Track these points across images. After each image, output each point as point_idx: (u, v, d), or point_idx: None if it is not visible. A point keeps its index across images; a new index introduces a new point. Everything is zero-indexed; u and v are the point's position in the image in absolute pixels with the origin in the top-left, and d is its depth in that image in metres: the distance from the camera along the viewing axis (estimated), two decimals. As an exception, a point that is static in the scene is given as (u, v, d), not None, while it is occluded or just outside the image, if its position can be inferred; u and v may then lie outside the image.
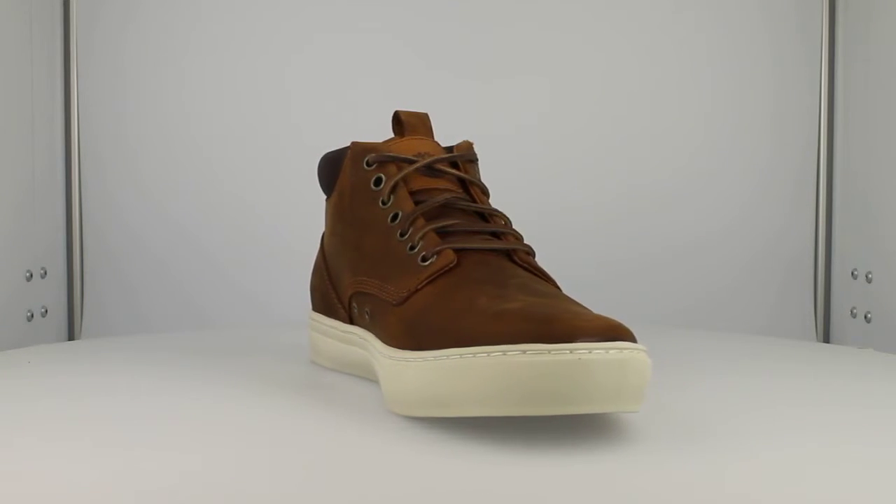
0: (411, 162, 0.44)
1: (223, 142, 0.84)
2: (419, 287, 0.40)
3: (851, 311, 0.82)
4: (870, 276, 0.79)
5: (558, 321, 0.34)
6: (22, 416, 0.40)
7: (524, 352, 0.33)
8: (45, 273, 0.80)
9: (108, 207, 0.84)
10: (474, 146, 0.48)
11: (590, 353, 0.32)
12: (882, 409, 0.42)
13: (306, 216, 0.85)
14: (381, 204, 0.44)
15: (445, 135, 0.77)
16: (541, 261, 0.74)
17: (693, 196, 0.86)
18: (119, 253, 0.84)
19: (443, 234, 0.42)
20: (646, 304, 0.86)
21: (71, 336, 0.84)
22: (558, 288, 0.42)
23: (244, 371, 0.50)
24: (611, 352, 0.33)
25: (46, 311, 0.80)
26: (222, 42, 0.84)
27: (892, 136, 0.76)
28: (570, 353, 0.32)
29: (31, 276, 0.77)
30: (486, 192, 0.44)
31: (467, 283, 0.39)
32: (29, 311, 0.77)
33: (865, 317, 0.79)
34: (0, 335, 0.73)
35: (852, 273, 0.82)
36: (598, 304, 0.85)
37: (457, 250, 0.41)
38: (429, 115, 0.48)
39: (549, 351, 0.33)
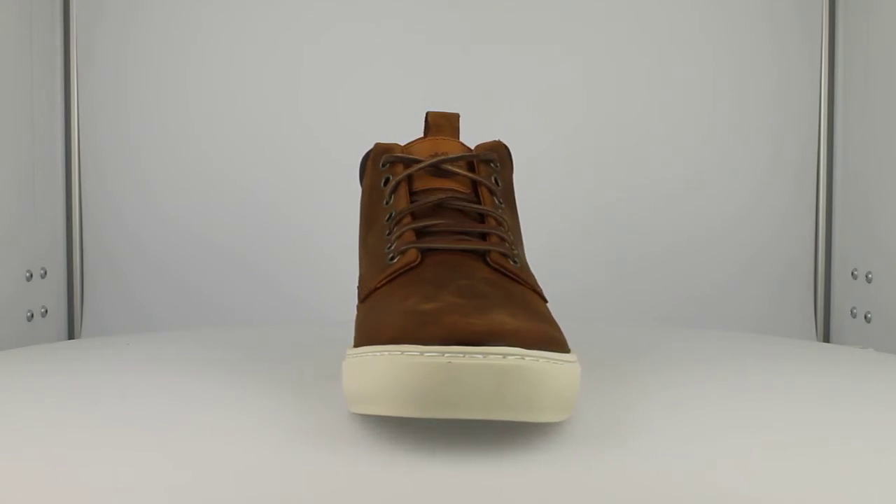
0: (418, 162, 0.44)
1: (223, 142, 0.84)
2: (378, 286, 0.41)
3: (851, 311, 0.82)
4: (870, 276, 0.79)
5: (442, 324, 0.33)
6: (21, 417, 0.40)
7: (402, 353, 0.33)
8: (45, 273, 0.80)
9: (108, 207, 0.84)
10: (502, 146, 0.47)
11: (463, 357, 0.31)
12: (882, 408, 0.42)
13: (307, 214, 0.85)
14: (384, 204, 0.44)
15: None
16: (540, 260, 0.74)
17: (693, 196, 0.86)
18: (119, 253, 0.84)
19: (425, 233, 0.42)
20: (646, 303, 0.86)
21: (71, 336, 0.84)
22: (537, 293, 0.41)
23: (244, 370, 0.50)
24: (489, 357, 0.31)
25: (46, 311, 0.80)
26: (221, 41, 0.84)
27: (892, 136, 0.76)
28: (442, 356, 0.32)
29: (31, 276, 0.77)
30: (494, 193, 0.44)
31: (415, 283, 0.39)
32: (29, 311, 0.77)
33: (865, 317, 0.79)
34: (0, 335, 0.73)
35: (852, 273, 0.82)
36: (597, 302, 0.86)
37: (425, 250, 0.41)
38: (459, 115, 0.47)
39: (423, 353, 0.32)
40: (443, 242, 0.41)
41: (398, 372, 0.32)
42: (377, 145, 0.46)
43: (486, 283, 0.38)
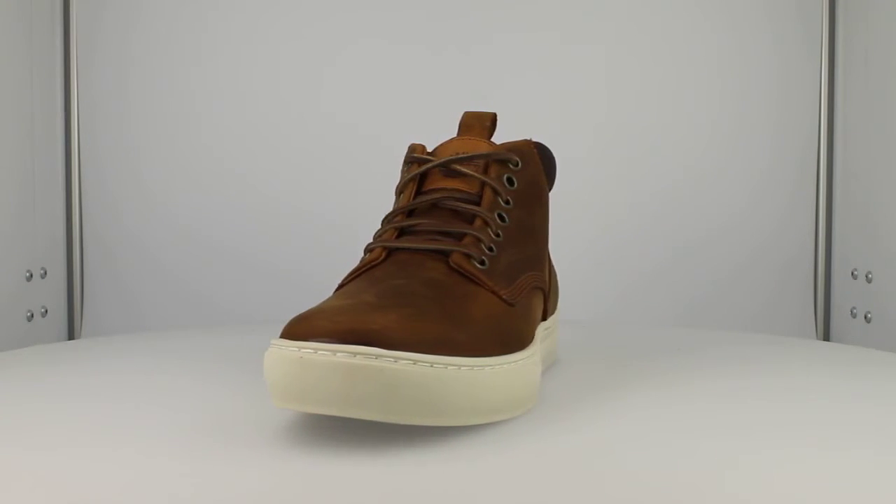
0: (429, 162, 0.45)
1: (224, 142, 0.84)
2: (344, 282, 0.42)
3: (851, 311, 0.82)
4: (870, 276, 0.79)
5: (310, 321, 0.34)
6: (21, 417, 0.40)
7: (276, 347, 0.34)
8: (45, 273, 0.80)
9: (108, 207, 0.84)
10: (530, 146, 0.46)
11: (315, 353, 0.32)
12: (882, 408, 0.42)
13: (308, 214, 0.85)
14: (396, 203, 0.45)
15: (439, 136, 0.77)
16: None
17: (693, 196, 0.86)
18: (119, 252, 0.84)
19: (407, 232, 0.43)
20: (647, 303, 0.86)
21: (71, 336, 0.84)
22: (497, 295, 0.41)
23: (245, 371, 0.50)
24: (338, 355, 0.32)
25: (46, 311, 0.80)
26: (221, 41, 0.84)
27: (891, 136, 0.76)
28: (298, 350, 0.33)
29: (31, 276, 0.77)
30: (498, 193, 0.44)
31: (363, 281, 0.40)
32: (29, 311, 0.77)
33: (865, 317, 0.79)
34: (0, 335, 0.73)
35: (852, 273, 0.82)
36: (596, 302, 0.86)
37: (393, 249, 0.42)
38: (494, 114, 0.47)
39: (284, 346, 0.33)
40: (413, 242, 0.42)
41: (268, 364, 0.34)
42: (410, 146, 0.47)
43: (426, 283, 0.39)
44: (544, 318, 0.49)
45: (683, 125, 0.86)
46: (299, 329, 0.34)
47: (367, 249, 0.43)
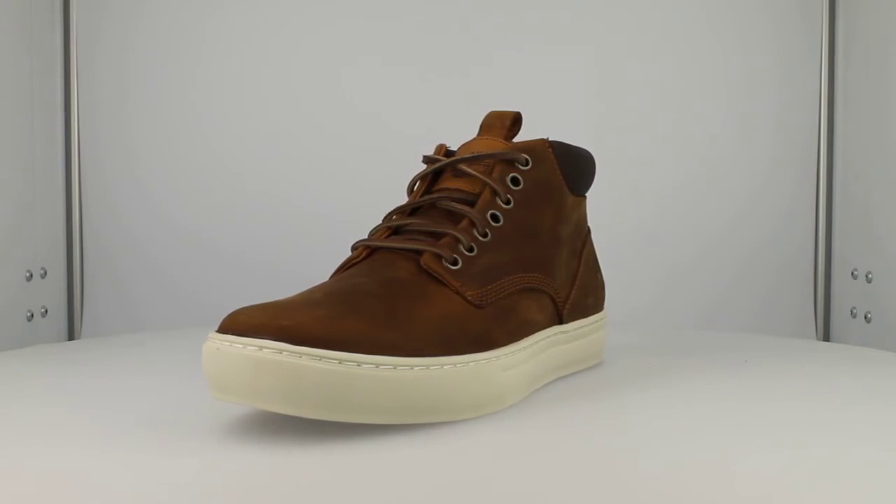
0: (438, 161, 0.45)
1: (224, 142, 0.84)
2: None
3: (851, 311, 0.82)
4: (870, 276, 0.79)
5: (235, 314, 0.36)
6: (21, 417, 0.40)
7: (208, 339, 0.36)
8: (45, 273, 0.80)
9: (108, 208, 0.84)
10: (544, 146, 0.46)
11: (230, 346, 0.34)
12: (883, 407, 0.42)
13: (309, 216, 0.85)
14: None
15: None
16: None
17: (693, 197, 0.86)
18: (119, 253, 0.84)
19: (400, 231, 0.44)
20: (646, 304, 0.86)
21: (71, 336, 0.84)
22: (461, 295, 0.40)
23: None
24: (248, 348, 0.34)
25: (46, 311, 0.80)
26: (222, 41, 0.84)
27: (891, 136, 0.76)
28: (218, 343, 0.35)
29: (31, 276, 0.77)
30: (497, 193, 0.44)
31: (332, 279, 0.41)
32: (29, 311, 0.77)
33: (865, 317, 0.79)
34: (0, 335, 0.73)
35: (852, 273, 0.82)
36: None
37: (374, 248, 0.43)
38: (516, 113, 0.47)
39: (211, 339, 0.35)
40: (395, 242, 0.42)
41: (203, 357, 0.36)
42: (438, 146, 0.48)
43: (384, 282, 0.39)
44: (561, 322, 0.48)
45: (683, 126, 0.86)
46: (225, 323, 0.35)
47: (353, 248, 0.43)
